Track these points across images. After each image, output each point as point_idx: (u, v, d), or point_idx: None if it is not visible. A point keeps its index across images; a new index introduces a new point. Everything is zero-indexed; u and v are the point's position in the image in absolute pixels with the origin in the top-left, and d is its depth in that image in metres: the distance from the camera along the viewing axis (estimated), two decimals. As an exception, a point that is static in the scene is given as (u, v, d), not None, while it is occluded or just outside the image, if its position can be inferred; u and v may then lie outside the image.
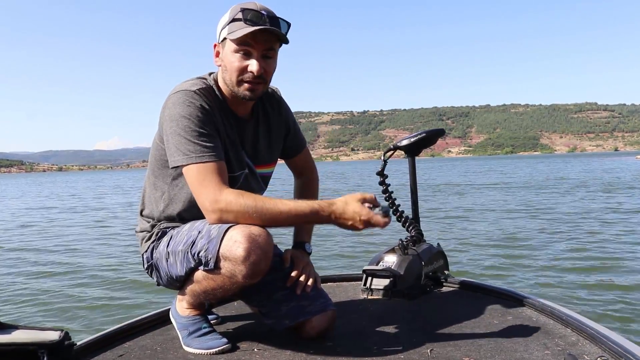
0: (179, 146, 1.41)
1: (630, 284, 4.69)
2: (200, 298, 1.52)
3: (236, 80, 1.46)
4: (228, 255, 1.32)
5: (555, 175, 27.25)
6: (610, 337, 1.38)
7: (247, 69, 1.44)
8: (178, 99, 1.44)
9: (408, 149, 2.12)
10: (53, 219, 13.46)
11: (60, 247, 8.56)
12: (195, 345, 1.51)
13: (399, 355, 1.40)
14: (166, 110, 1.45)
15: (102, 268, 6.54)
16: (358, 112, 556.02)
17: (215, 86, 1.52)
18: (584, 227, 8.33)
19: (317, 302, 1.55)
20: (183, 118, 1.41)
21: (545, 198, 13.93)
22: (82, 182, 51.16)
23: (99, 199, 21.56)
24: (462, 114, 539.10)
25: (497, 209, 11.50)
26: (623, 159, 73.15)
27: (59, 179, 79.01)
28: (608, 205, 11.50)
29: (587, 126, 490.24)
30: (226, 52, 1.46)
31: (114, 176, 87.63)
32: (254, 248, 1.30)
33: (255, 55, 1.44)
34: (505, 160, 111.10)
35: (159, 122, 1.50)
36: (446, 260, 2.27)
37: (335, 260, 6.35)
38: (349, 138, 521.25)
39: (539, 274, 5.23)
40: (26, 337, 1.07)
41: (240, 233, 1.31)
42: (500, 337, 1.52)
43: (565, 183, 20.13)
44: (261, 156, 1.65)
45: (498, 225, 8.92)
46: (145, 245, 1.59)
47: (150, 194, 1.61)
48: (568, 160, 65.93)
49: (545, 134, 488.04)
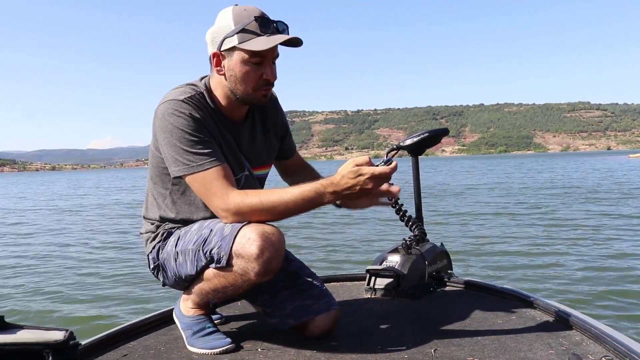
0: (177, 157, 1.41)
1: (635, 284, 4.67)
2: (208, 297, 1.53)
3: (252, 89, 1.46)
4: (241, 252, 1.33)
5: (557, 175, 27.17)
6: (614, 337, 1.38)
7: (262, 77, 1.45)
8: (166, 110, 1.42)
9: (411, 148, 2.11)
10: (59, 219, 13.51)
11: (62, 246, 8.58)
12: (199, 345, 1.51)
13: (403, 355, 1.40)
14: (157, 121, 1.45)
15: (107, 267, 6.56)
16: (352, 112, 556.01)
17: (206, 92, 1.50)
18: (584, 228, 8.31)
19: (321, 302, 1.55)
20: (176, 128, 1.41)
21: (545, 198, 13.89)
22: (64, 181, 51.36)
23: (107, 196, 21.63)
24: (456, 113, 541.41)
25: (497, 210, 11.48)
26: (616, 157, 72.99)
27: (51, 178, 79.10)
28: (612, 206, 11.47)
29: (580, 125, 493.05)
30: (235, 62, 1.43)
31: (107, 175, 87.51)
32: (267, 246, 1.32)
33: (268, 62, 1.44)
34: (501, 159, 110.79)
35: (153, 131, 1.49)
36: (450, 259, 2.27)
37: (339, 260, 6.36)
38: (342, 137, 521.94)
39: (542, 274, 5.22)
40: (31, 336, 1.07)
41: (253, 231, 1.33)
42: (504, 337, 1.52)
43: (569, 184, 20.08)
44: (258, 158, 1.65)
45: (500, 226, 8.90)
46: (150, 246, 1.59)
47: (152, 199, 1.61)
48: (568, 160, 65.67)
49: (538, 133, 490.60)
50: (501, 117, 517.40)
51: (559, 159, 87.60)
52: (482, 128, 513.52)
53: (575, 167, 38.07)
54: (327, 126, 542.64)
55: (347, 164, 1.32)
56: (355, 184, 1.30)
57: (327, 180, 1.35)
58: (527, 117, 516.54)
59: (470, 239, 7.52)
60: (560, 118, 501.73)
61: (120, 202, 19.28)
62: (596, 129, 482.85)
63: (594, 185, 17.83)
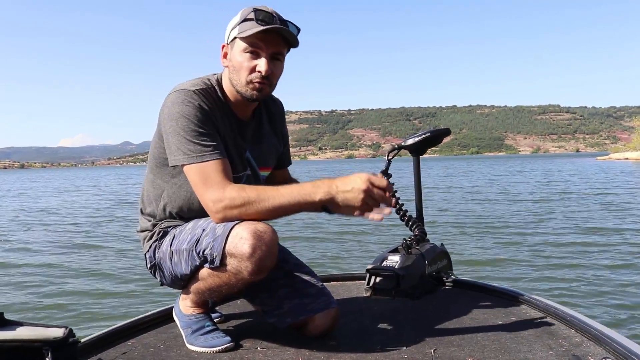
0: (179, 145, 1.41)
1: (636, 285, 4.67)
2: (204, 296, 1.53)
3: (245, 80, 1.46)
4: (234, 252, 1.32)
5: (554, 177, 27.19)
6: (614, 338, 1.37)
7: (255, 69, 1.44)
8: (177, 98, 1.44)
9: (413, 148, 2.11)
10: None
11: (62, 244, 8.59)
12: (198, 343, 1.51)
13: (403, 355, 1.40)
14: (165, 108, 1.46)
15: (107, 265, 6.57)
16: (326, 112, 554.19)
17: (217, 87, 1.52)
18: (586, 228, 8.30)
19: (319, 300, 1.55)
20: (182, 117, 1.41)
21: (546, 200, 13.88)
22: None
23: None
24: (429, 114, 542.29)
25: (498, 210, 11.47)
26: (585, 160, 73.15)
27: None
28: (612, 207, 11.46)
29: (550, 128, 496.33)
30: (235, 52, 1.46)
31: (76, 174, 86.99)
32: (259, 244, 1.31)
33: (264, 55, 1.44)
34: (472, 160, 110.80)
35: (158, 120, 1.50)
36: (450, 260, 2.26)
37: (338, 260, 6.36)
38: (316, 137, 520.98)
39: (543, 275, 5.22)
40: (31, 333, 1.07)
41: (245, 230, 1.32)
42: (504, 338, 1.52)
43: (567, 184, 20.08)
44: (263, 158, 1.65)
45: (502, 227, 8.90)
46: (147, 244, 1.59)
47: (149, 193, 1.61)
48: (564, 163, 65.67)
49: (510, 135, 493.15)
50: (473, 118, 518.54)
51: (530, 160, 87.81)
52: (455, 129, 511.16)
53: (572, 169, 38.03)
54: (300, 126, 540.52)
55: (360, 174, 1.33)
56: (352, 182, 1.31)
57: (325, 178, 1.35)
58: (499, 119, 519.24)
59: (471, 240, 7.51)
60: (531, 120, 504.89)
61: (118, 197, 19.28)
62: (565, 132, 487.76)
63: (593, 186, 17.83)
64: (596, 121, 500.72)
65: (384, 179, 1.33)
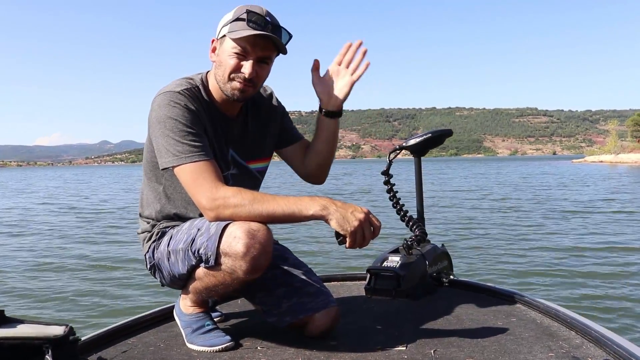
0: (167, 147, 1.41)
1: (635, 287, 4.67)
2: (202, 295, 1.53)
3: (227, 78, 1.46)
4: (228, 251, 1.32)
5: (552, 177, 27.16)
6: (614, 340, 1.37)
7: (240, 69, 1.44)
8: (162, 101, 1.44)
9: (414, 149, 2.11)
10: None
11: (64, 243, 8.59)
12: (198, 342, 1.51)
13: (403, 355, 1.40)
14: (152, 112, 1.46)
15: (108, 264, 6.57)
16: (306, 112, 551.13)
17: (202, 86, 1.52)
18: (587, 229, 8.30)
19: (318, 299, 1.55)
20: (169, 119, 1.41)
21: (547, 199, 13.87)
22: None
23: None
24: (409, 116, 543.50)
25: (499, 210, 11.46)
26: (561, 162, 73.26)
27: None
28: (612, 210, 11.46)
29: (528, 130, 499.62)
30: (223, 49, 1.46)
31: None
32: (253, 243, 1.30)
33: (251, 58, 1.44)
34: (452, 162, 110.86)
35: (148, 123, 1.49)
36: (450, 261, 2.26)
37: (339, 260, 6.35)
38: None
39: (543, 276, 5.22)
40: (31, 331, 1.07)
41: (239, 229, 1.31)
42: (504, 339, 1.51)
43: (564, 181, 20.06)
44: (254, 152, 1.64)
45: (502, 227, 8.90)
46: (147, 245, 1.60)
47: (147, 196, 1.61)
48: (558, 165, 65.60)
49: (488, 137, 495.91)
50: (452, 120, 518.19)
51: (510, 162, 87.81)
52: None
53: (566, 171, 37.97)
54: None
55: (363, 207, 1.34)
56: (353, 207, 1.32)
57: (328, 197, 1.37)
58: (478, 121, 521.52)
59: (471, 240, 7.51)
60: (509, 123, 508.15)
61: (120, 198, 19.29)
62: (543, 134, 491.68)
63: (590, 187, 17.81)
64: (572, 124, 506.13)
65: (379, 222, 1.35)
